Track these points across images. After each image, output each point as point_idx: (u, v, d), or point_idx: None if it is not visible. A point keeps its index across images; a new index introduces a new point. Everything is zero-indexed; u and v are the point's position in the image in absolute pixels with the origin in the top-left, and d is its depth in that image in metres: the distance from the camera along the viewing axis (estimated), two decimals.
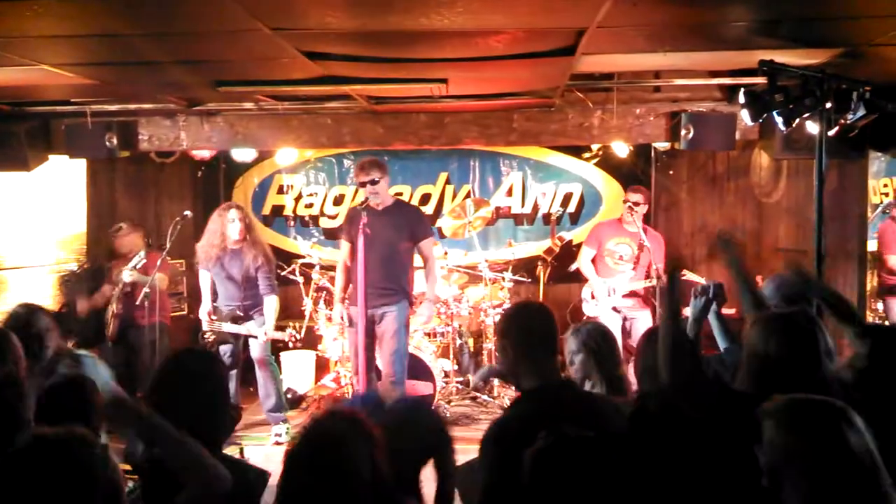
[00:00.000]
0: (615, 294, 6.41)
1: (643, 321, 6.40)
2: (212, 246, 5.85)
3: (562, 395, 2.68)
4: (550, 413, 2.57)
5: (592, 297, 6.50)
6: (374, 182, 5.42)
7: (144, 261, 5.92)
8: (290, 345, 6.11)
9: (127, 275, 5.94)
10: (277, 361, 6.38)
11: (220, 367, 2.85)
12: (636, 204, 6.34)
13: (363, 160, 5.63)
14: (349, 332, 5.73)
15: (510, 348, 2.74)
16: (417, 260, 5.90)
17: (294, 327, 6.15)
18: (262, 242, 6.08)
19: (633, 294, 6.50)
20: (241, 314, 5.88)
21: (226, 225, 5.83)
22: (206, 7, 3.22)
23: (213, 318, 5.89)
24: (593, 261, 6.60)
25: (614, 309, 6.43)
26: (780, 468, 1.94)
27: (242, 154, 7.26)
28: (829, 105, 3.89)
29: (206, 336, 5.89)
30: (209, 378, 2.64)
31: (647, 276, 6.41)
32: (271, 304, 5.86)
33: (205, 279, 6.03)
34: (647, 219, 6.71)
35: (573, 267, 6.99)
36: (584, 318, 6.36)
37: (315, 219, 8.26)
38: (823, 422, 1.92)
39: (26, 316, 3.65)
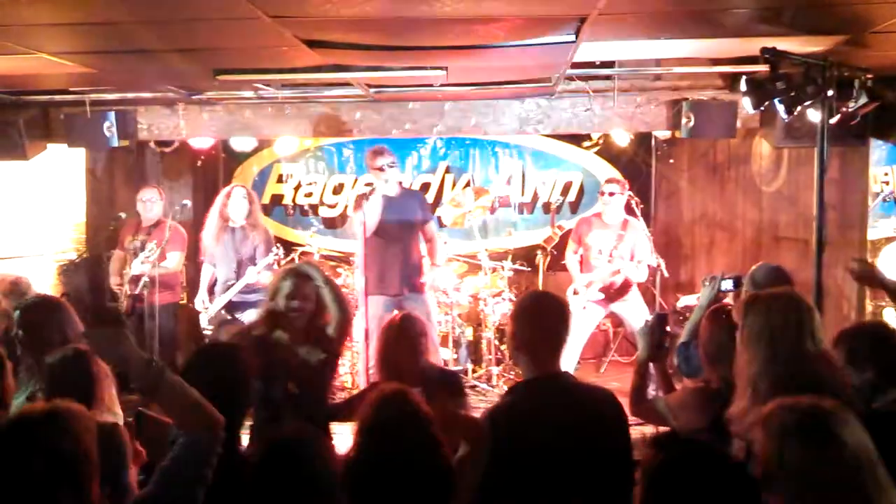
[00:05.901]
0: (592, 288, 6.31)
1: (635, 311, 6.35)
2: (216, 227, 5.94)
3: (556, 386, 2.69)
4: (543, 403, 2.61)
5: (575, 293, 6.41)
6: (391, 165, 5.50)
7: (157, 252, 5.93)
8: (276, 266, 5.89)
9: (138, 266, 5.96)
10: None
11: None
12: (611, 195, 6.30)
13: (378, 146, 5.68)
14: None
15: (513, 338, 2.75)
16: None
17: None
18: (263, 225, 6.19)
19: (621, 286, 6.36)
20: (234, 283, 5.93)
21: (231, 204, 5.93)
22: None
23: (207, 305, 5.95)
24: (580, 256, 6.54)
25: (597, 302, 6.34)
26: (775, 478, 1.89)
27: (241, 143, 7.26)
28: (830, 93, 3.87)
29: (206, 328, 5.92)
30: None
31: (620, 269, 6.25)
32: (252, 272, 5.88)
33: (206, 272, 6.09)
34: (644, 210, 6.67)
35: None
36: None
37: (314, 208, 8.25)
38: (814, 426, 1.88)
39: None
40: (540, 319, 2.75)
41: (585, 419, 2.61)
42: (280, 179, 8.25)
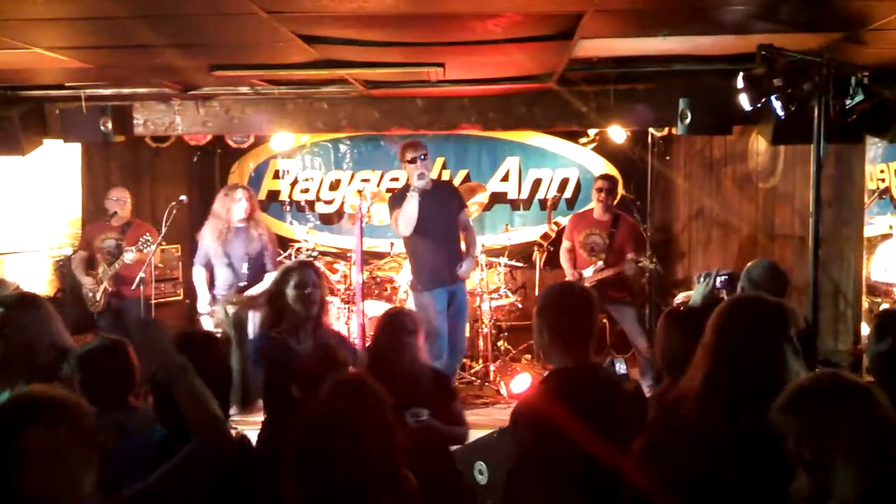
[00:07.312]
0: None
1: (625, 311, 6.35)
2: (217, 230, 5.91)
3: (587, 377, 2.69)
4: (574, 394, 2.60)
5: None
6: (424, 157, 5.50)
7: (153, 246, 5.97)
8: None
9: (129, 256, 6.01)
10: None
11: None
12: (599, 190, 6.32)
13: (410, 140, 5.73)
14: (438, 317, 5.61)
15: (545, 329, 2.74)
16: None
17: None
18: (264, 222, 6.22)
19: (615, 284, 6.37)
20: (243, 288, 5.89)
21: (232, 204, 5.91)
22: None
23: (214, 308, 5.91)
24: (573, 253, 6.55)
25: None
26: (828, 452, 1.90)
27: (238, 139, 7.25)
28: (827, 90, 3.88)
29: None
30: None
31: (616, 264, 6.28)
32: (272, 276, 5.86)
33: (199, 274, 6.04)
34: (641, 207, 6.65)
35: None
36: None
37: (311, 204, 8.25)
38: (848, 392, 1.94)
39: None
40: (571, 309, 2.74)
41: (615, 413, 2.60)
42: (276, 175, 8.24)
